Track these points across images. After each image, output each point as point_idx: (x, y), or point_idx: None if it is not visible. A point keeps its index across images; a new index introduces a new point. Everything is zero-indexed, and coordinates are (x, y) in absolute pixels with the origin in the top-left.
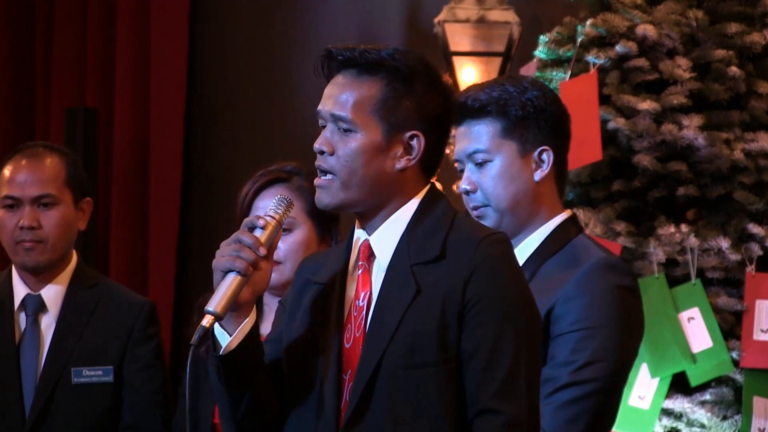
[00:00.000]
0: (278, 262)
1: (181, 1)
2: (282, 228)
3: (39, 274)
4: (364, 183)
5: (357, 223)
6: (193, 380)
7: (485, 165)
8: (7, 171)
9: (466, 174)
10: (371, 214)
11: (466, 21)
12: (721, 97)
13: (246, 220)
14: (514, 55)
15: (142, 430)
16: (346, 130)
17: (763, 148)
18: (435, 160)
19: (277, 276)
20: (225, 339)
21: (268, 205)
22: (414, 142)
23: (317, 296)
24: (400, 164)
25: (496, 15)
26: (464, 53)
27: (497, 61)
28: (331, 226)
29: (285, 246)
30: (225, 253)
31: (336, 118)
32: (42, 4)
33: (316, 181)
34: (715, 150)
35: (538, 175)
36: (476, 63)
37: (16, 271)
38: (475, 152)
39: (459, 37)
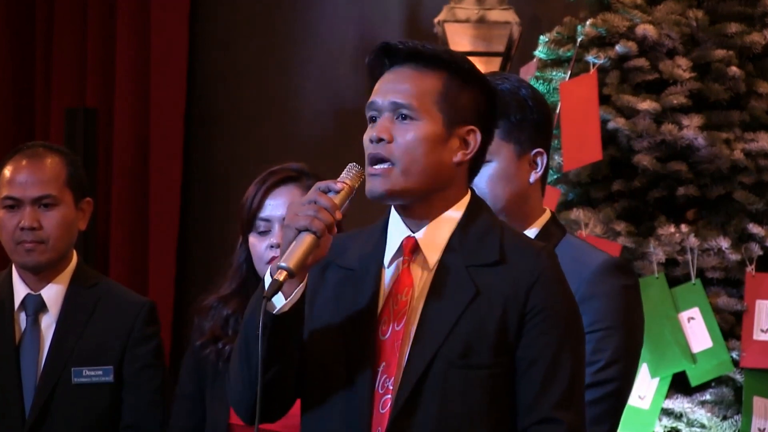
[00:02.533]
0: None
1: (181, 1)
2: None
3: (39, 274)
4: (424, 172)
5: (399, 216)
6: (200, 380)
7: (483, 165)
8: (7, 171)
9: None
10: (419, 209)
11: (466, 21)
12: (721, 97)
13: (320, 183)
14: (514, 55)
15: (142, 429)
16: (405, 118)
17: (763, 148)
18: (481, 161)
19: None
20: (280, 300)
21: (279, 204)
22: (470, 137)
23: (346, 282)
24: (457, 158)
25: (496, 15)
26: (464, 53)
27: (497, 61)
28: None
29: None
30: (301, 212)
31: (397, 106)
32: (42, 4)
33: (371, 170)
34: (715, 150)
35: (532, 178)
36: (476, 63)
37: (16, 271)
38: None
39: (459, 37)
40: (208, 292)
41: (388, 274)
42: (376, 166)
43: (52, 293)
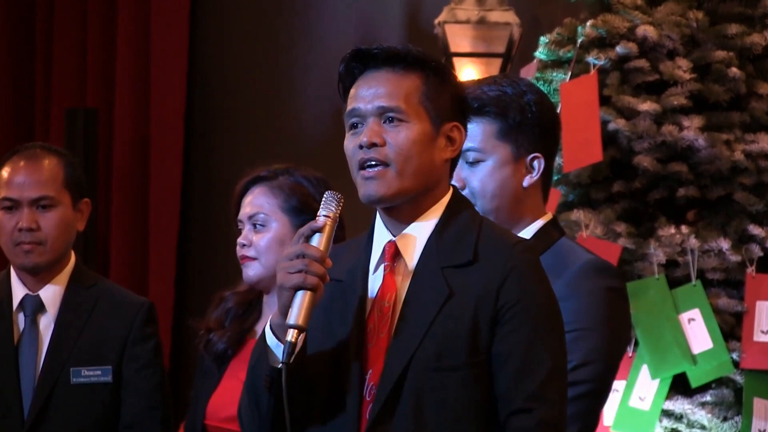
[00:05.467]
0: (254, 258)
1: (182, 1)
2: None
3: (38, 275)
4: (418, 172)
5: (381, 221)
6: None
7: (477, 164)
8: (5, 172)
9: (456, 170)
10: (405, 211)
11: (467, 22)
12: (721, 98)
13: (302, 229)
14: (514, 56)
15: (141, 429)
16: (394, 120)
17: (764, 149)
18: (458, 157)
19: (252, 272)
20: (280, 350)
21: (245, 204)
22: (454, 134)
23: (335, 293)
24: (446, 155)
25: (497, 16)
26: (464, 54)
27: (497, 62)
28: (308, 222)
29: (260, 242)
30: (291, 269)
31: (384, 110)
32: (42, 5)
33: (365, 173)
34: (715, 151)
35: (526, 181)
36: (476, 64)
37: (14, 272)
38: (468, 150)
39: (459, 38)
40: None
41: (373, 281)
42: (370, 169)
43: (51, 294)
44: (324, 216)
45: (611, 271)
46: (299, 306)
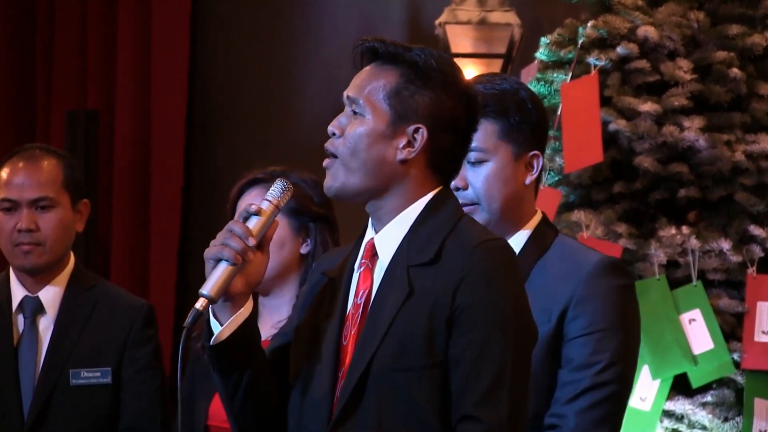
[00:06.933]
0: None
1: (183, 3)
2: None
3: (37, 276)
4: (364, 166)
5: (370, 219)
6: (189, 379)
7: (480, 164)
8: (4, 173)
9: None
10: (380, 209)
11: (468, 23)
12: (722, 98)
13: (242, 210)
14: (515, 56)
15: (141, 431)
16: (356, 114)
17: (764, 149)
18: (447, 161)
19: None
20: (217, 329)
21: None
22: (417, 136)
23: (326, 290)
24: (401, 155)
25: (498, 17)
26: (465, 55)
27: (498, 63)
28: (308, 223)
29: None
30: (215, 242)
31: (351, 100)
32: (42, 6)
33: (324, 164)
34: (716, 152)
35: (528, 180)
36: (477, 65)
37: (13, 273)
38: (470, 150)
39: (460, 39)
40: None
41: (356, 278)
42: (326, 160)
43: (50, 295)
44: (267, 201)
45: (621, 269)
46: (215, 277)
